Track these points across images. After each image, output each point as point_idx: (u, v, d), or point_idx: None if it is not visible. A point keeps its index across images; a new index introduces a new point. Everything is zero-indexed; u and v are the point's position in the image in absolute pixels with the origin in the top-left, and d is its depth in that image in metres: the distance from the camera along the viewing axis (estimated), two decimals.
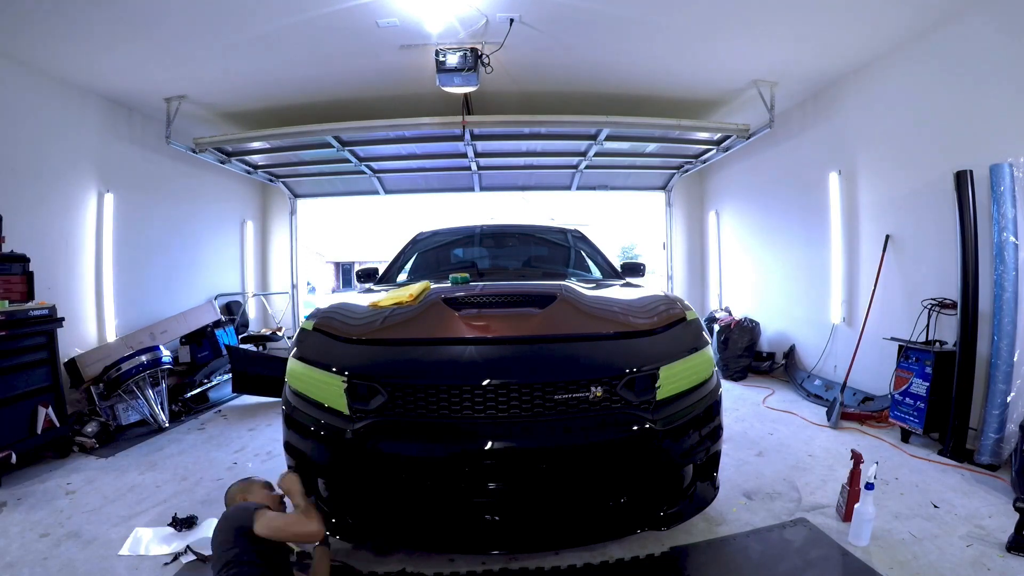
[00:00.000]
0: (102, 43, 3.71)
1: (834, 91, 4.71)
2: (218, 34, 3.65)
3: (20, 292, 3.42)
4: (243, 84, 4.59)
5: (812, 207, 5.06)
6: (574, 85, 4.75)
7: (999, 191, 2.99)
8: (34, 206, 4.04)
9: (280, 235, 7.79)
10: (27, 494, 2.89)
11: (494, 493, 1.92)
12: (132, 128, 5.11)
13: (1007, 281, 2.96)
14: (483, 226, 4.32)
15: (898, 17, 3.52)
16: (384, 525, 2.03)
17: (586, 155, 5.85)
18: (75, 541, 2.37)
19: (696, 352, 2.18)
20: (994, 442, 2.94)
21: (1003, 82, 3.14)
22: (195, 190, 6.14)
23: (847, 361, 4.36)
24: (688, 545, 2.24)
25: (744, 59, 4.26)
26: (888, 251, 4.09)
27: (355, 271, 4.26)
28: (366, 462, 1.94)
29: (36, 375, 3.41)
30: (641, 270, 3.80)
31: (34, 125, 4.08)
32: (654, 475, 2.04)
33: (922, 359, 3.43)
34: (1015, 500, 2.21)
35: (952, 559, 2.09)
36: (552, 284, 2.74)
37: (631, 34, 3.81)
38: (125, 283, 4.96)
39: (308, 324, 2.37)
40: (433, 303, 2.38)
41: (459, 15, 3.50)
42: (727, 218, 7.12)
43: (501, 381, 1.92)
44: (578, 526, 2.00)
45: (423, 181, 7.05)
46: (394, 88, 4.74)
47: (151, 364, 4.13)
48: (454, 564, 2.12)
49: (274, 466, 3.24)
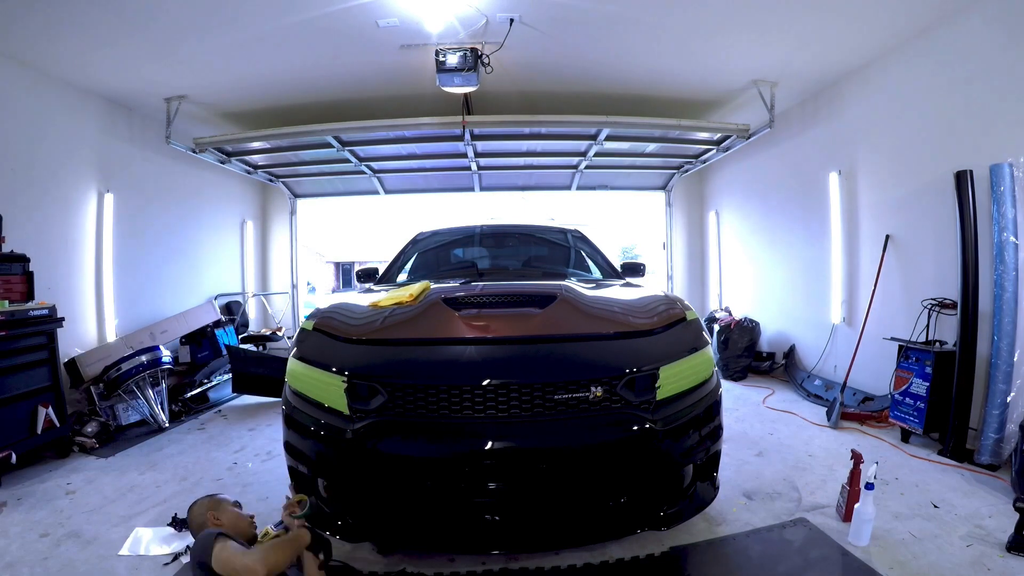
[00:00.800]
0: (102, 43, 3.71)
1: (834, 91, 4.71)
2: (218, 34, 3.65)
3: (20, 292, 3.42)
4: (243, 84, 4.59)
5: (812, 207, 5.06)
6: (574, 85, 4.74)
7: (999, 191, 2.99)
8: (34, 206, 4.04)
9: (280, 235, 7.79)
10: (27, 494, 2.89)
11: (494, 493, 1.91)
12: (132, 128, 5.11)
13: (1007, 281, 2.96)
14: (483, 226, 4.32)
15: (898, 17, 3.52)
16: (384, 525, 2.03)
17: (586, 155, 5.85)
18: (75, 541, 2.37)
19: (696, 352, 2.18)
20: (994, 442, 2.94)
21: (1003, 82, 3.14)
22: (195, 190, 6.14)
23: (847, 361, 4.36)
24: (688, 545, 2.24)
25: (744, 59, 4.26)
26: (888, 251, 4.09)
27: (355, 271, 4.26)
28: (366, 462, 1.94)
29: (36, 375, 3.41)
30: (641, 270, 3.80)
31: (34, 125, 4.08)
32: (654, 475, 2.03)
33: (922, 359, 3.43)
34: (1015, 500, 2.21)
35: (952, 559, 2.09)
36: (552, 284, 2.74)
37: (631, 34, 3.81)
38: (125, 283, 4.96)
39: (308, 324, 2.37)
40: (433, 303, 2.38)
41: (459, 15, 3.50)
42: (727, 218, 7.12)
43: (501, 381, 1.92)
44: (578, 526, 2.00)
45: (423, 181, 7.05)
46: (394, 88, 4.74)
47: (151, 364, 4.13)
48: (454, 564, 2.12)
49: (274, 466, 3.25)
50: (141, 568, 2.16)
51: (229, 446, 3.72)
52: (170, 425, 4.18)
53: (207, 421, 4.38)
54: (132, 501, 2.81)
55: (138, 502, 2.79)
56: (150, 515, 2.63)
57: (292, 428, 2.14)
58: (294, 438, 2.13)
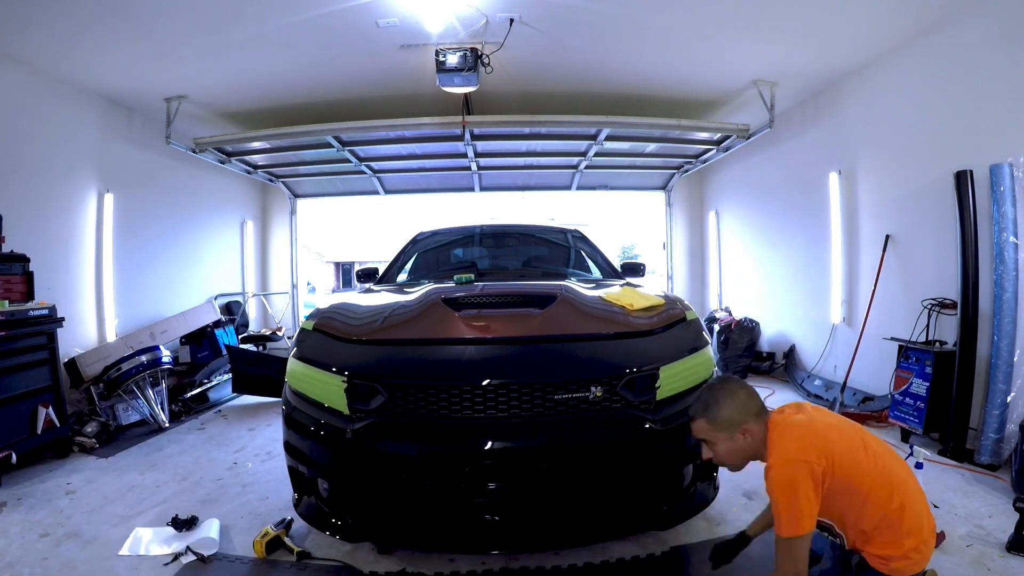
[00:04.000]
0: (102, 43, 3.71)
1: (834, 91, 4.71)
2: (218, 34, 3.65)
3: (20, 292, 3.42)
4: (243, 84, 4.59)
5: (812, 207, 5.06)
6: (574, 85, 4.74)
7: (999, 191, 2.99)
8: (34, 206, 4.04)
9: (280, 235, 7.78)
10: (27, 494, 2.89)
11: (494, 493, 1.91)
12: (132, 128, 5.11)
13: (1007, 281, 2.96)
14: (483, 226, 4.32)
15: (898, 17, 3.52)
16: (384, 525, 2.03)
17: (586, 155, 5.85)
18: (75, 541, 2.37)
19: (696, 352, 2.18)
20: (994, 442, 2.94)
21: (1003, 82, 3.14)
22: (195, 190, 6.14)
23: (847, 361, 4.36)
24: (688, 545, 2.24)
25: (744, 59, 4.26)
26: (888, 251, 4.09)
27: (355, 271, 4.26)
28: (366, 462, 1.94)
29: (36, 375, 3.41)
30: (641, 270, 3.81)
31: (34, 125, 4.08)
32: (654, 475, 2.03)
33: (922, 359, 3.43)
34: (1015, 500, 2.21)
35: (952, 559, 2.09)
36: (552, 284, 2.74)
37: (631, 34, 3.81)
38: (125, 283, 4.96)
39: (308, 324, 2.37)
40: (433, 303, 2.38)
41: (459, 15, 3.50)
42: (727, 218, 7.12)
43: (501, 381, 1.92)
44: (578, 526, 2.00)
45: (423, 181, 7.05)
46: (394, 88, 4.74)
47: (151, 364, 4.13)
48: (454, 564, 2.12)
49: (274, 466, 3.25)
50: (141, 568, 2.16)
51: (229, 446, 3.72)
52: (170, 425, 4.18)
53: (207, 421, 4.38)
54: (132, 501, 2.81)
55: (138, 502, 2.79)
56: (150, 515, 2.62)
57: (292, 428, 2.14)
58: (294, 438, 2.13)
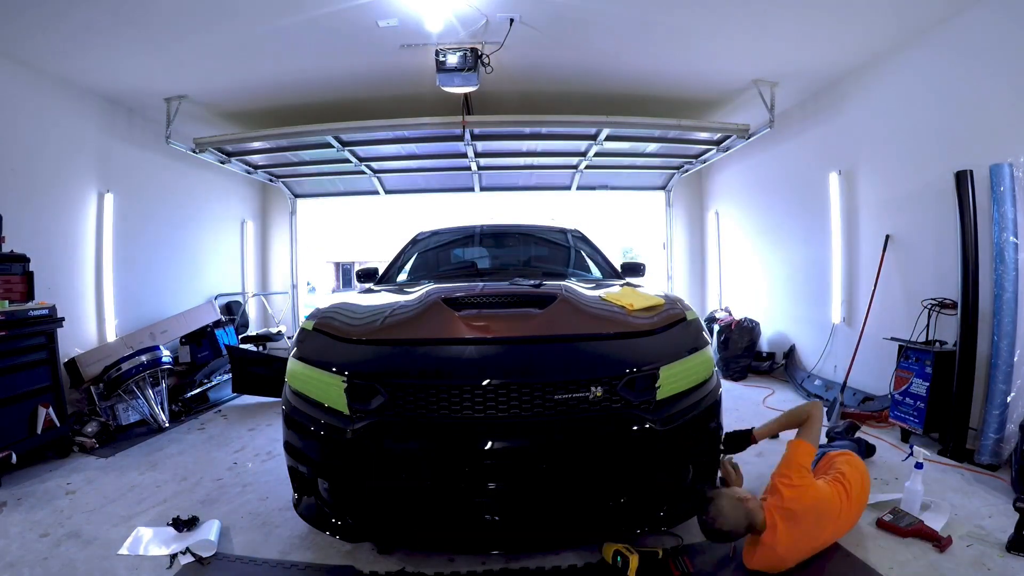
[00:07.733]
0: (102, 43, 3.70)
1: (834, 91, 4.71)
2: (218, 34, 3.65)
3: (20, 292, 3.42)
4: (243, 84, 4.59)
5: (812, 207, 5.06)
6: (574, 85, 4.74)
7: (999, 191, 2.98)
8: (34, 206, 4.03)
9: (280, 235, 7.78)
10: (27, 494, 2.88)
11: (494, 493, 1.92)
12: (132, 128, 5.11)
13: (1007, 281, 2.96)
14: (483, 226, 4.32)
15: (898, 16, 3.52)
16: (384, 525, 2.03)
17: (586, 155, 5.85)
18: (75, 541, 2.37)
19: (696, 352, 2.18)
20: (994, 442, 2.93)
21: (1003, 82, 3.14)
22: (195, 190, 6.14)
23: (847, 361, 4.36)
24: (688, 545, 2.24)
25: (744, 59, 4.26)
26: (888, 251, 4.09)
27: (355, 271, 4.26)
28: (366, 462, 1.94)
29: (36, 375, 3.41)
30: (641, 270, 3.81)
31: (34, 125, 4.08)
32: (654, 475, 2.03)
33: (922, 359, 3.43)
34: (1015, 500, 2.21)
35: (952, 559, 2.09)
36: (552, 284, 2.74)
37: (631, 34, 3.81)
38: (125, 283, 4.96)
39: (308, 324, 2.37)
40: (433, 303, 2.38)
41: (459, 15, 3.50)
42: (727, 218, 7.12)
43: (501, 381, 1.92)
44: (578, 526, 2.00)
45: (423, 181, 7.05)
46: (394, 88, 4.74)
47: (151, 364, 4.12)
48: (454, 564, 2.12)
49: (274, 466, 3.24)
50: (141, 568, 2.16)
51: (229, 446, 3.72)
52: (170, 425, 4.18)
53: (207, 421, 4.38)
54: (132, 501, 2.81)
55: (138, 502, 2.79)
56: (150, 515, 2.62)
57: (292, 428, 2.14)
58: (294, 438, 2.14)
